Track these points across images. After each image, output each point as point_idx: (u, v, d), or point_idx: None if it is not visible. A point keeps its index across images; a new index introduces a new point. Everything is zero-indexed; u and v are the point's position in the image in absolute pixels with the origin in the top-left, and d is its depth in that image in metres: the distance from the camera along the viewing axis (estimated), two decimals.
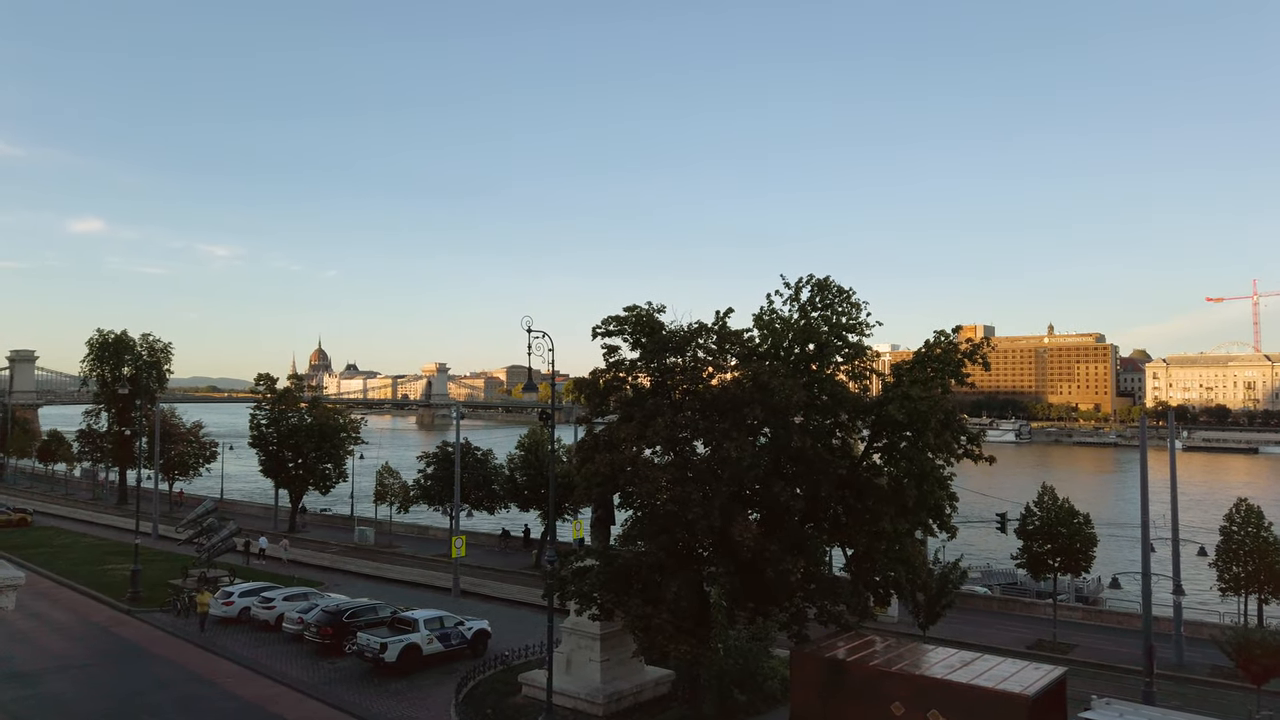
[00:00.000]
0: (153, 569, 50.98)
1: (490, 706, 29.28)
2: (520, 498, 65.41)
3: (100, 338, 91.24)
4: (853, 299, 29.62)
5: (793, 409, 27.11)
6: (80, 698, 30.33)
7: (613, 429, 28.62)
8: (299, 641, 37.58)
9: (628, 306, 29.36)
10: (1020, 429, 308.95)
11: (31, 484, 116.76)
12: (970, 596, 48.88)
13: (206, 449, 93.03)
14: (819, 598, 27.21)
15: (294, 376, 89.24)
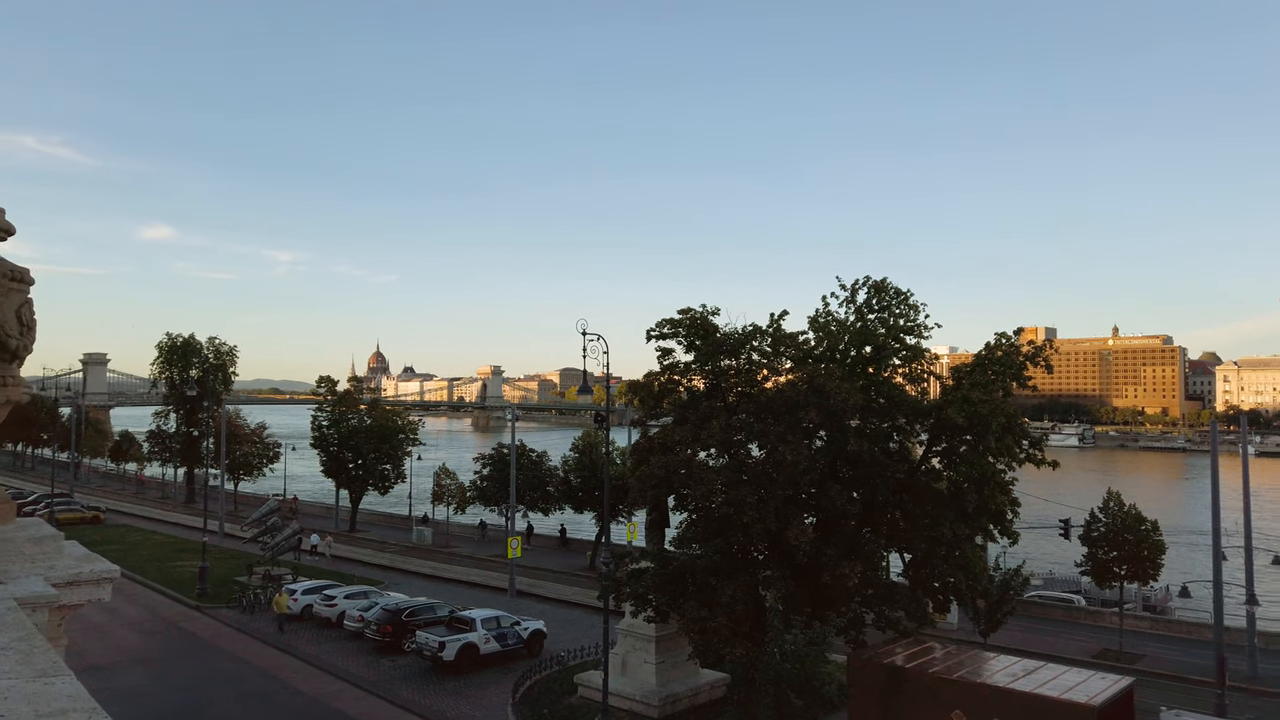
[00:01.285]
0: (220, 566, 52.33)
1: (546, 707, 29.50)
2: (574, 499, 65.75)
3: (169, 341, 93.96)
4: (910, 300, 29.28)
5: (849, 412, 26.90)
6: (152, 691, 31.29)
7: (667, 431, 28.70)
8: (360, 639, 38.28)
9: (682, 309, 29.42)
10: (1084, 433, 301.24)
11: (104, 483, 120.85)
12: (1032, 604, 47.84)
13: (270, 449, 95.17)
14: (877, 603, 26.93)
15: (353, 379, 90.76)
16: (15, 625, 3.13)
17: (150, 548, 63.29)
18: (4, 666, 2.69)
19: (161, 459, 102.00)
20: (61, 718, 2.32)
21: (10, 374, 4.30)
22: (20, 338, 4.24)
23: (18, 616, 3.26)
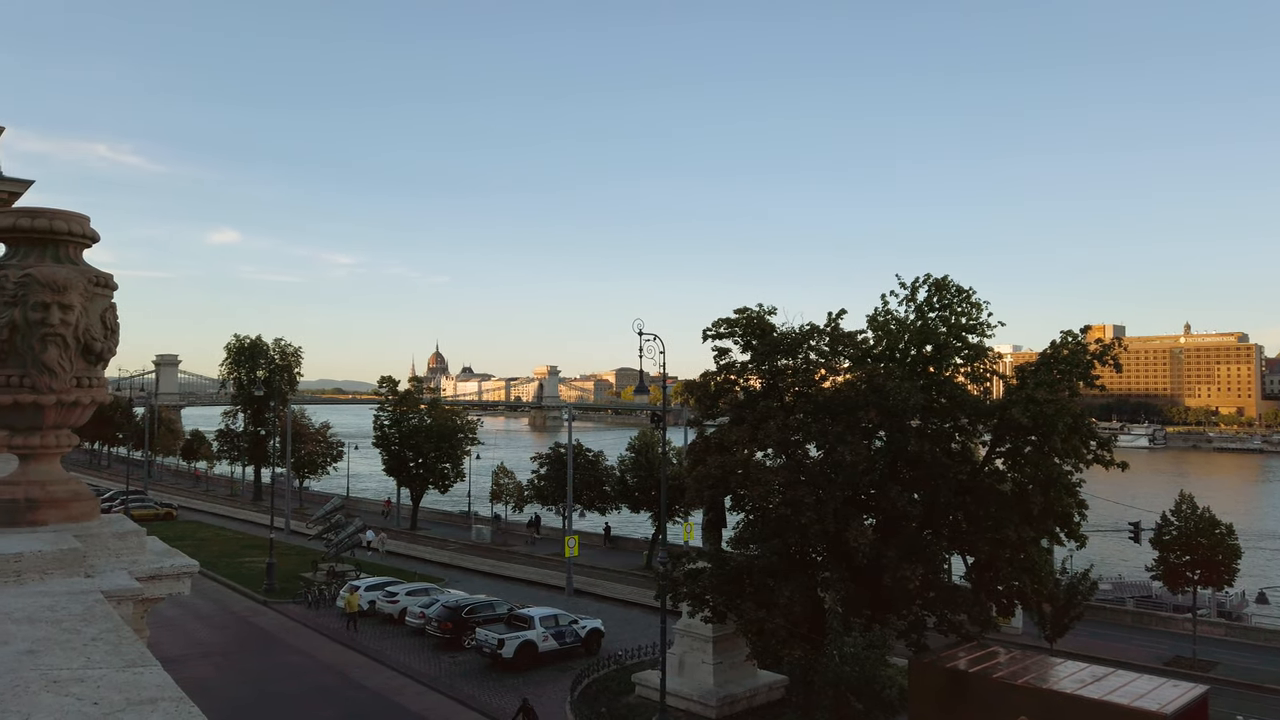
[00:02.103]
0: (286, 562, 53.61)
1: (605, 705, 29.64)
2: (631, 499, 65.93)
3: (237, 342, 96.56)
4: (973, 298, 28.75)
5: (909, 412, 26.51)
6: (222, 684, 32.19)
7: (724, 431, 28.62)
8: (420, 635, 38.88)
9: (738, 309, 29.31)
10: (1154, 434, 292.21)
11: (175, 480, 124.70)
12: (1101, 609, 46.63)
13: (333, 448, 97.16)
14: (938, 606, 26.50)
15: (414, 379, 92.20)
16: (104, 617, 3.26)
17: (219, 544, 65.11)
18: (95, 656, 2.80)
19: (230, 457, 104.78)
20: (150, 706, 2.41)
21: (95, 375, 4.47)
22: (105, 341, 4.40)
23: (106, 609, 3.40)
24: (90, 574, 3.95)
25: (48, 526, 4.32)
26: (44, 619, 3.20)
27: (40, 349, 4.17)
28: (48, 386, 4.24)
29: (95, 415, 4.92)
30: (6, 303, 4.18)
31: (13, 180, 27.60)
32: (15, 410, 4.29)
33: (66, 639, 2.98)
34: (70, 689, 2.47)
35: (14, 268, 4.22)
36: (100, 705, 2.37)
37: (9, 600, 3.43)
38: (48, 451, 4.50)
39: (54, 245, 4.33)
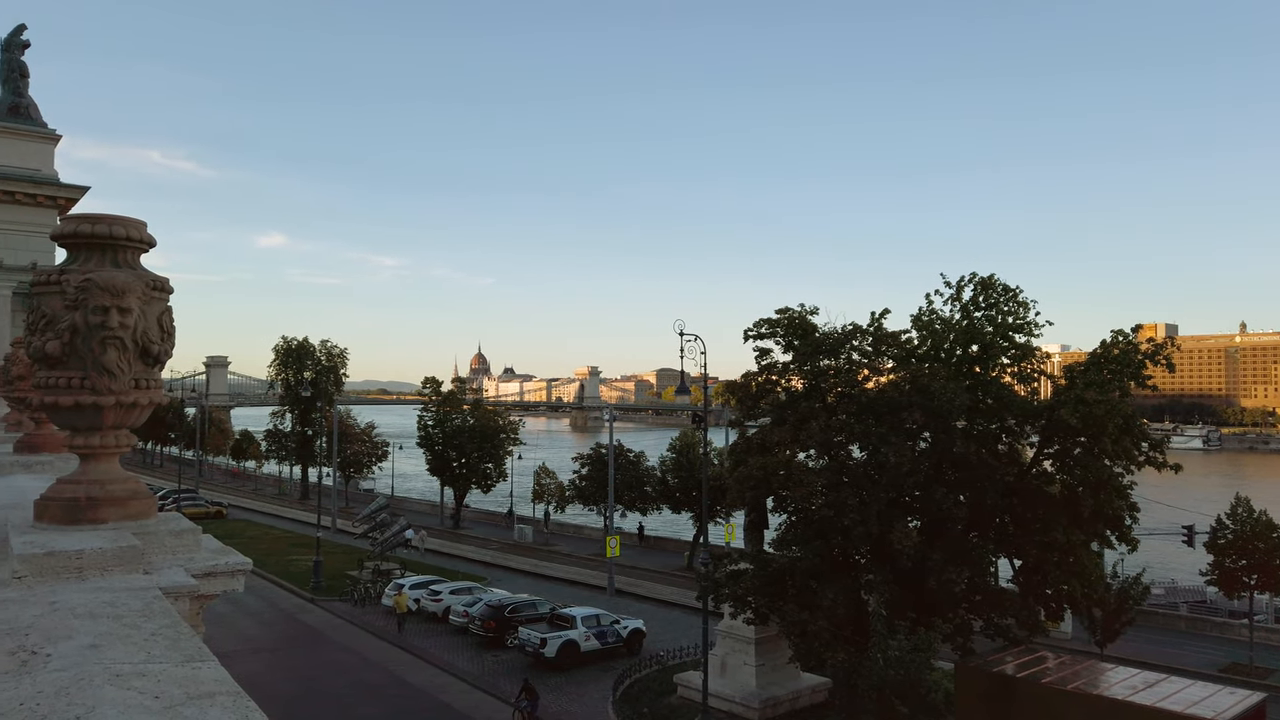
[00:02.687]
0: (332, 560, 54.42)
1: (646, 705, 29.65)
2: (672, 499, 65.86)
3: (284, 344, 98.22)
4: (1019, 297, 28.31)
5: (955, 413, 26.17)
6: (270, 679, 32.76)
7: (765, 432, 28.49)
8: (464, 634, 39.22)
9: (779, 309, 29.16)
10: (1208, 435, 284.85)
11: (225, 479, 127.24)
12: (1153, 614, 45.58)
13: (378, 448, 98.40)
14: (985, 610, 26.14)
15: (457, 380, 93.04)
16: (163, 613, 3.34)
17: (268, 542, 66.28)
18: (155, 651, 2.88)
19: (278, 457, 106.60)
20: (209, 700, 2.47)
21: (152, 377, 4.58)
22: (161, 343, 4.51)
23: (164, 605, 3.48)
24: (148, 571, 4.05)
25: (107, 524, 4.44)
26: (105, 614, 3.29)
27: (100, 351, 4.28)
28: (107, 388, 4.35)
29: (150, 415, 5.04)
30: (68, 306, 4.30)
31: (69, 186, 28.41)
32: (76, 411, 4.41)
33: (127, 634, 3.06)
34: (132, 683, 2.54)
35: (75, 272, 4.34)
36: (161, 699, 2.44)
37: (72, 596, 3.53)
38: (107, 451, 4.62)
39: (113, 250, 4.45)
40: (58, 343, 4.30)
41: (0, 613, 3.32)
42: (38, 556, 3.83)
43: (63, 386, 4.35)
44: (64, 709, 2.33)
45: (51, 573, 3.82)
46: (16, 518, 4.82)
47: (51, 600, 3.44)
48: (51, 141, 28.36)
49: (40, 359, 4.41)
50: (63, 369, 4.35)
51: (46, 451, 9.18)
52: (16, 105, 27.83)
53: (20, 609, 3.35)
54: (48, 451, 9.18)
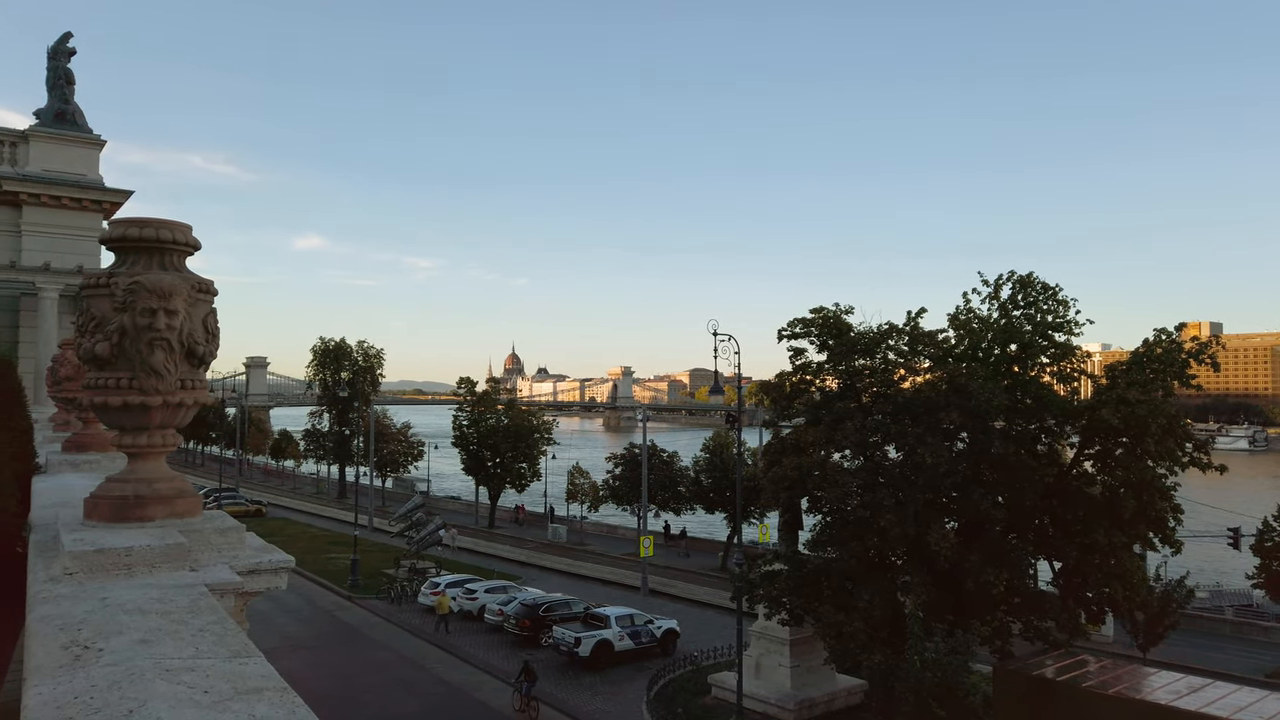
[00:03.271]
0: (369, 559, 55.00)
1: (681, 706, 29.62)
2: (705, 500, 65.77)
3: (322, 345, 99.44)
4: (1059, 295, 27.90)
5: (993, 413, 25.86)
6: (309, 676, 33.17)
7: (800, 432, 28.35)
8: (499, 632, 39.44)
9: (814, 308, 29.00)
10: (1254, 435, 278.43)
11: (264, 478, 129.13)
12: (1198, 618, 44.70)
13: (414, 448, 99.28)
14: (1024, 612, 25.79)
15: (491, 380, 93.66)
16: (209, 609, 3.40)
17: (306, 540, 67.14)
18: (203, 647, 2.93)
19: (316, 456, 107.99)
20: (256, 695, 2.51)
21: (198, 378, 4.66)
22: (206, 344, 4.59)
23: (210, 601, 3.54)
24: (194, 568, 4.12)
25: (154, 522, 4.52)
26: (154, 610, 3.35)
27: (148, 353, 4.37)
28: (154, 389, 4.43)
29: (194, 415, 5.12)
30: (116, 309, 4.39)
31: (114, 190, 28.99)
32: (125, 411, 4.50)
33: (175, 630, 3.12)
34: (181, 678, 2.59)
35: (123, 275, 4.42)
36: (210, 694, 2.48)
37: (121, 592, 3.60)
38: (154, 450, 4.71)
39: (159, 253, 4.53)
40: (107, 344, 4.39)
41: (53, 608, 3.40)
42: (88, 553, 3.91)
43: (111, 387, 4.44)
44: (116, 702, 2.38)
45: (101, 569, 3.90)
46: (67, 515, 4.93)
47: (102, 596, 3.51)
48: (96, 147, 28.95)
49: (90, 360, 4.50)
50: (111, 370, 4.44)
51: (94, 450, 9.37)
52: (63, 112, 28.43)
53: (72, 605, 3.43)
54: (95, 450, 9.37)
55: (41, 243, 27.20)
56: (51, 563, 4.26)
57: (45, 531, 5.20)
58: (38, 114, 28.22)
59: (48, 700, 2.43)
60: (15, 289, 26.68)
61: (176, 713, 2.30)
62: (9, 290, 26.70)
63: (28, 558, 5.19)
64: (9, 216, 27.38)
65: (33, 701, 2.44)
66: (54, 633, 3.08)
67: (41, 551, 4.61)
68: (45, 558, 4.42)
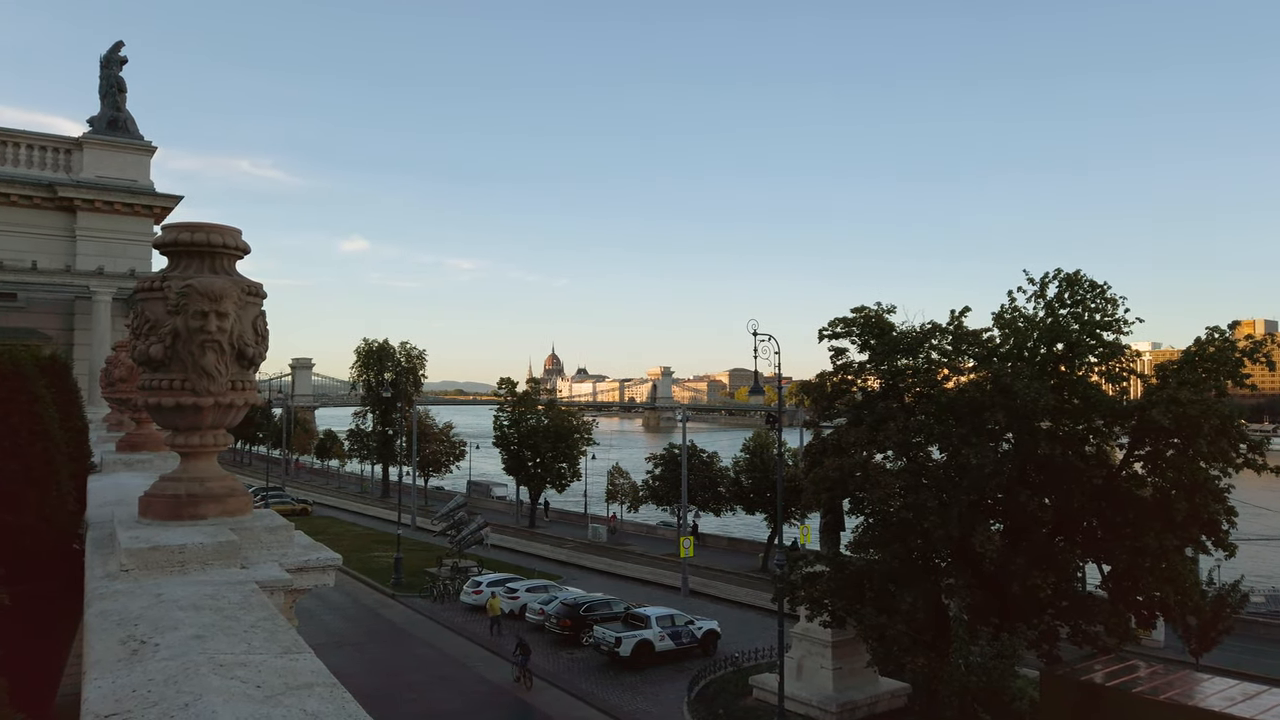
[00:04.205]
0: (412, 557, 55.61)
1: (722, 707, 29.54)
2: (745, 500, 65.48)
3: (366, 346, 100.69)
4: (1107, 294, 27.35)
5: (1039, 413, 25.43)
6: (354, 673, 33.62)
7: (841, 433, 28.11)
8: (539, 631, 39.63)
9: (855, 308, 28.76)
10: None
11: (309, 478, 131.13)
12: (1253, 623, 43.53)
13: (456, 448, 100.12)
14: (1072, 616, 25.35)
15: (531, 380, 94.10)
16: (260, 606, 3.46)
17: (351, 539, 68.05)
18: (255, 642, 2.99)
19: (360, 456, 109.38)
20: (307, 690, 2.55)
21: (248, 379, 4.75)
22: (256, 346, 4.68)
23: (261, 598, 3.61)
24: (245, 565, 4.21)
25: (206, 520, 4.62)
26: (207, 606, 3.43)
27: (200, 354, 4.46)
28: (206, 389, 4.53)
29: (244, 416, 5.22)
30: (169, 311, 4.49)
31: (164, 195, 29.62)
32: (177, 411, 4.61)
33: (228, 625, 3.18)
34: (234, 672, 2.64)
35: (176, 278, 4.53)
36: (262, 688, 2.53)
37: (175, 588, 3.68)
38: (206, 450, 4.81)
39: (211, 257, 4.63)
40: (160, 346, 4.49)
41: (110, 604, 3.49)
42: (143, 551, 4.01)
43: (165, 388, 4.54)
44: (173, 696, 2.43)
45: (156, 566, 4.00)
46: (122, 513, 5.05)
47: (157, 593, 3.60)
48: (147, 153, 29.60)
49: (144, 362, 4.61)
50: (165, 371, 4.54)
51: (147, 450, 9.60)
52: (115, 119, 29.11)
53: (128, 600, 3.52)
54: (148, 450, 9.60)
55: (95, 247, 27.88)
56: (108, 559, 4.37)
57: (101, 529, 5.34)
58: (91, 121, 28.93)
59: (106, 693, 2.49)
60: (70, 293, 27.36)
61: (231, 707, 2.35)
62: (64, 294, 27.39)
63: (85, 554, 5.33)
64: (64, 222, 28.11)
65: (92, 694, 2.51)
66: (111, 628, 3.16)
67: (98, 548, 4.73)
68: (102, 554, 4.54)
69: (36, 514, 5.86)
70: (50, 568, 5.94)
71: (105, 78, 29.42)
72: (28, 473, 5.96)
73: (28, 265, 25.80)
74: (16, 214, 27.39)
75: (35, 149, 28.20)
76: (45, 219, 27.92)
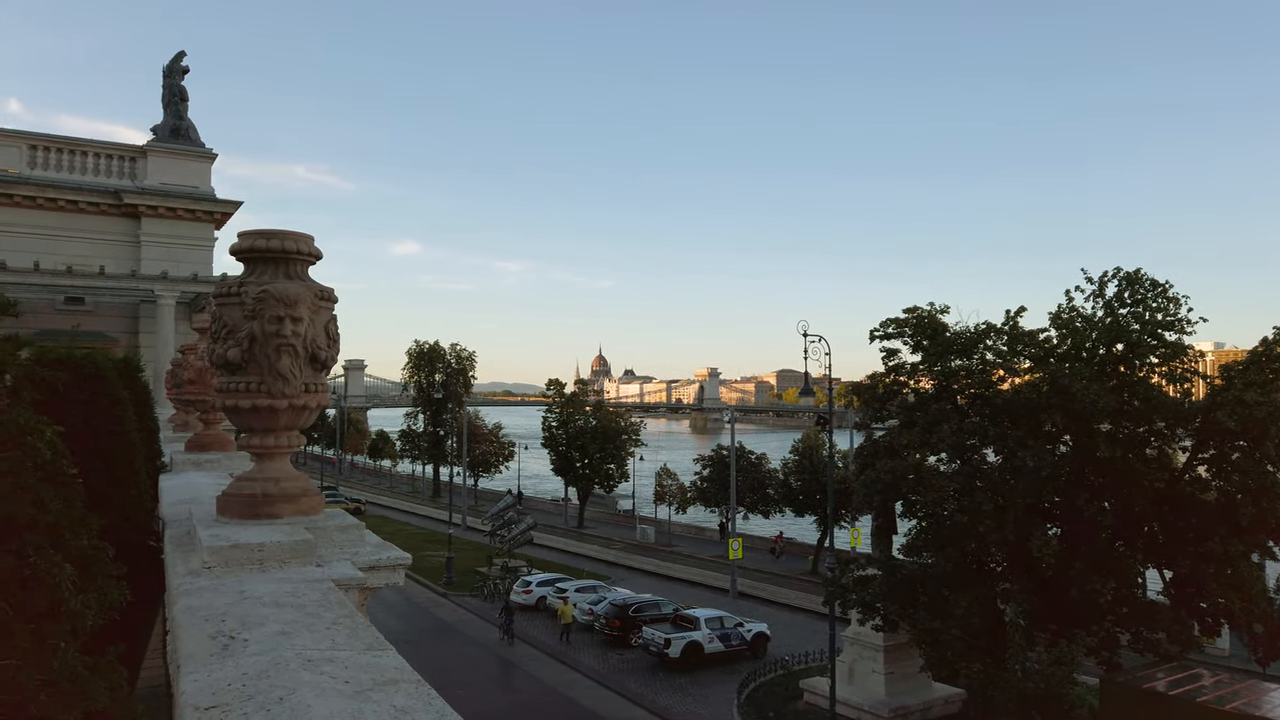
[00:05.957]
0: (462, 557, 56.21)
1: (772, 710, 29.40)
2: (795, 502, 65.05)
3: (417, 348, 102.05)
4: (1169, 293, 26.68)
5: (1098, 415, 24.89)
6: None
7: (894, 434, 27.81)
8: (589, 631, 39.80)
9: (907, 308, 28.44)
10: None
11: (362, 477, 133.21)
12: None
13: (505, 448, 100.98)
14: (1133, 623, 24.78)
15: (579, 381, 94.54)
16: (339, 604, 3.56)
17: (403, 538, 68.94)
18: (338, 639, 3.07)
19: (411, 456, 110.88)
20: (394, 686, 2.62)
21: (320, 382, 4.87)
22: (328, 350, 4.80)
23: (339, 596, 3.71)
24: (320, 563, 4.32)
25: (282, 519, 4.75)
26: (289, 603, 3.53)
27: (275, 358, 4.59)
28: (281, 392, 4.66)
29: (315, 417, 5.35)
30: (246, 316, 4.63)
31: (225, 201, 30.36)
32: (254, 413, 4.74)
33: (310, 622, 3.27)
34: (323, 668, 2.72)
35: (252, 284, 4.66)
36: (351, 684, 2.60)
37: (257, 585, 3.80)
38: (280, 451, 4.95)
39: (285, 263, 4.75)
40: (238, 350, 4.63)
41: (196, 600, 3.61)
42: (225, 548, 4.14)
43: (242, 390, 4.68)
44: (268, 690, 2.52)
45: (236, 564, 4.12)
46: (200, 512, 5.21)
47: (240, 589, 3.71)
48: (208, 160, 30.38)
49: (222, 365, 4.76)
50: (242, 374, 4.68)
51: (214, 450, 9.86)
52: (177, 127, 29.92)
53: (214, 596, 3.63)
54: (215, 450, 9.86)
55: (159, 252, 28.68)
56: (190, 556, 4.52)
57: (179, 527, 5.51)
58: (154, 130, 29.76)
59: (203, 687, 2.58)
60: (135, 296, 28.17)
61: (324, 701, 2.43)
62: (129, 298, 28.21)
63: (164, 551, 5.51)
64: (129, 227, 28.97)
65: (189, 688, 2.60)
66: (200, 623, 3.27)
67: (178, 545, 4.88)
68: (183, 551, 4.68)
69: (120, 513, 6.07)
70: (132, 565, 6.14)
71: (168, 87, 30.23)
72: (111, 473, 6.18)
73: (96, 270, 26.60)
74: (85, 220, 28.30)
75: (102, 157, 29.12)
76: (111, 225, 28.80)
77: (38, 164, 27.70)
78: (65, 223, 27.49)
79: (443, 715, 2.41)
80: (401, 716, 2.37)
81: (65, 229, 27.32)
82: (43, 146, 28.20)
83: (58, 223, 27.21)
